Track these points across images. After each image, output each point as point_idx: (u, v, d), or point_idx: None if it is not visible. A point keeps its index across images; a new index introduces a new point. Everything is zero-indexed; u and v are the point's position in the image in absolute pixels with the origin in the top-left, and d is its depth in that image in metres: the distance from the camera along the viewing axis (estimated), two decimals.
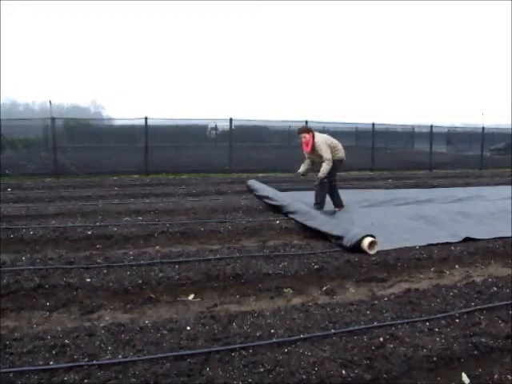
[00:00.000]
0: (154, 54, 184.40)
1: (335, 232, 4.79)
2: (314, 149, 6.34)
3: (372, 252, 4.38)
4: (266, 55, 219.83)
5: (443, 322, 2.87)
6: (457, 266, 4.25)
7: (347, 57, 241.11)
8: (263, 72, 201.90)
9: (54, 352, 2.43)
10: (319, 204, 6.41)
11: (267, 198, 7.06)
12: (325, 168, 6.25)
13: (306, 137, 6.38)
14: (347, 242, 4.48)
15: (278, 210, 6.46)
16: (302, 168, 6.71)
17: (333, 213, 6.45)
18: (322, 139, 6.35)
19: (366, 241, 4.39)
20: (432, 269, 4.16)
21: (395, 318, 2.94)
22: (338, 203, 6.73)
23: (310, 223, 5.37)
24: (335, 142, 6.57)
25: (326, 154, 6.25)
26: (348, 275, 3.92)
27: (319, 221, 5.30)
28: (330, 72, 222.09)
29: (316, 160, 6.51)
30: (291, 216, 5.91)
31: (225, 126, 18.70)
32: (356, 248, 4.40)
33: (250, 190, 8.41)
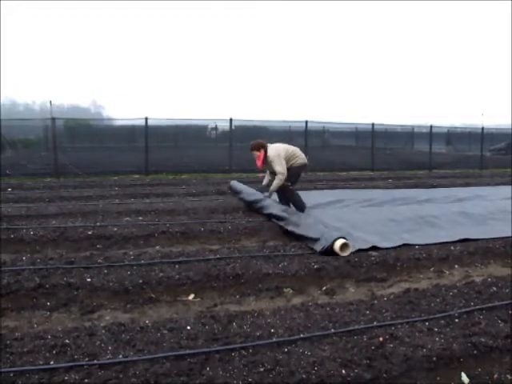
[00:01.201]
0: (154, 53, 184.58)
1: (309, 234, 4.66)
2: (267, 163, 6.22)
3: (344, 254, 4.27)
4: (266, 55, 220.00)
5: (443, 321, 2.87)
6: (456, 266, 4.26)
7: (347, 57, 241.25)
8: (263, 72, 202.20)
9: (54, 352, 2.43)
10: (300, 209, 6.23)
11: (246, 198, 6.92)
12: (276, 183, 6.09)
13: (257, 154, 6.23)
14: (319, 245, 4.37)
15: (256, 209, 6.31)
16: (265, 180, 6.60)
17: (309, 213, 6.27)
18: (274, 152, 6.10)
19: (338, 243, 4.28)
20: (431, 269, 4.17)
21: (395, 317, 2.94)
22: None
23: (281, 223, 5.31)
24: (292, 149, 6.36)
25: (279, 167, 6.05)
26: (348, 275, 3.92)
27: (294, 222, 5.16)
28: (330, 72, 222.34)
29: (273, 171, 6.28)
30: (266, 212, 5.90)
31: (225, 126, 18.75)
32: (328, 251, 4.28)
33: (232, 192, 8.04)
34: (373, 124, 15.59)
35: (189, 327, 2.77)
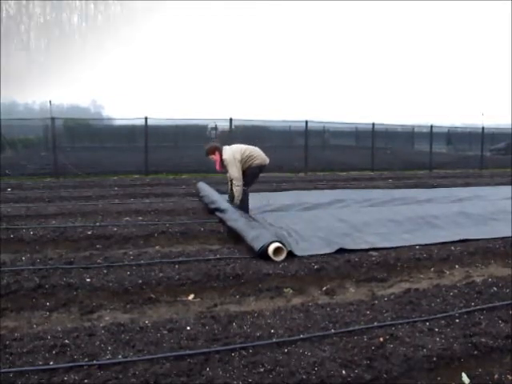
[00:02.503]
0: (154, 54, 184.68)
1: (248, 239, 4.51)
2: (223, 166, 6.05)
3: (278, 259, 4.11)
4: (266, 55, 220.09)
5: (443, 321, 2.87)
6: (457, 266, 4.25)
7: (347, 57, 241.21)
8: (263, 72, 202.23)
9: (53, 352, 2.43)
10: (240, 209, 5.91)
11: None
12: (237, 191, 5.92)
13: (213, 157, 6.12)
14: (255, 252, 4.22)
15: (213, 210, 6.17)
16: (229, 186, 6.38)
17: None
18: (230, 155, 5.88)
19: (271, 248, 4.14)
20: (432, 269, 4.16)
21: (395, 318, 2.94)
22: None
23: (231, 224, 5.14)
24: (250, 149, 6.10)
25: (233, 172, 5.85)
26: (348, 275, 3.92)
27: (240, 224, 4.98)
28: (330, 72, 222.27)
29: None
30: (219, 215, 5.75)
31: (225, 126, 18.72)
32: (264, 256, 4.13)
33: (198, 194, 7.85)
34: (373, 124, 15.57)
35: (189, 327, 2.76)
